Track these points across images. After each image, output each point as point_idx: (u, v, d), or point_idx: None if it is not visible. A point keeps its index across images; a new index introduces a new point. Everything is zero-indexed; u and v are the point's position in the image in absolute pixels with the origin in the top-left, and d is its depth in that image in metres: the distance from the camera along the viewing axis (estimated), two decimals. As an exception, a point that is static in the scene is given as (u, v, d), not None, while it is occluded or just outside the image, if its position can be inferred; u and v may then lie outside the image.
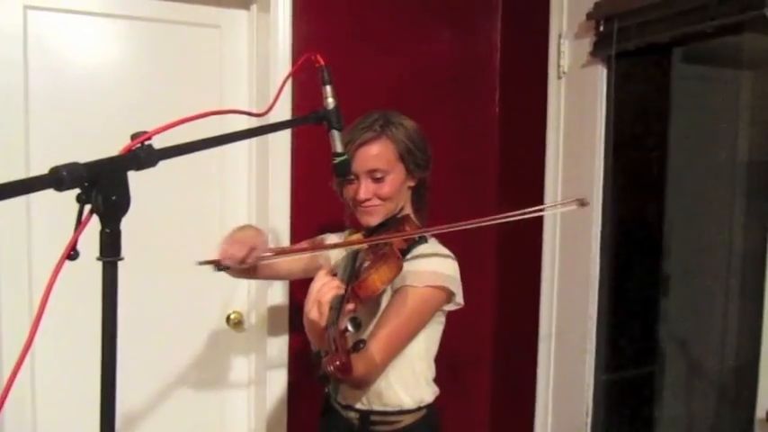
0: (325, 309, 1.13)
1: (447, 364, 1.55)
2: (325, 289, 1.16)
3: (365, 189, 1.45)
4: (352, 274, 1.30)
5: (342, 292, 1.16)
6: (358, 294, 1.23)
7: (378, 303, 1.43)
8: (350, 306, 1.14)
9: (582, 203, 1.29)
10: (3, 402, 0.73)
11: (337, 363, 1.01)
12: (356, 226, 1.59)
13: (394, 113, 1.49)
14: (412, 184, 1.52)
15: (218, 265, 1.43)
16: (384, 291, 1.33)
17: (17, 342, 1.80)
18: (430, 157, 1.52)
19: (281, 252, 1.66)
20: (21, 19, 1.83)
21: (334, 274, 1.27)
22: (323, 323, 1.12)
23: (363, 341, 1.11)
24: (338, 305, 1.12)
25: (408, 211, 1.54)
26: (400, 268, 1.31)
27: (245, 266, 1.42)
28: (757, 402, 1.50)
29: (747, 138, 1.87)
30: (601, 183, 1.95)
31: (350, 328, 1.04)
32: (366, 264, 1.32)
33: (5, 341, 1.87)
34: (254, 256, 1.41)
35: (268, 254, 1.47)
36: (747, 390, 1.52)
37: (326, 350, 1.05)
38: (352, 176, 1.46)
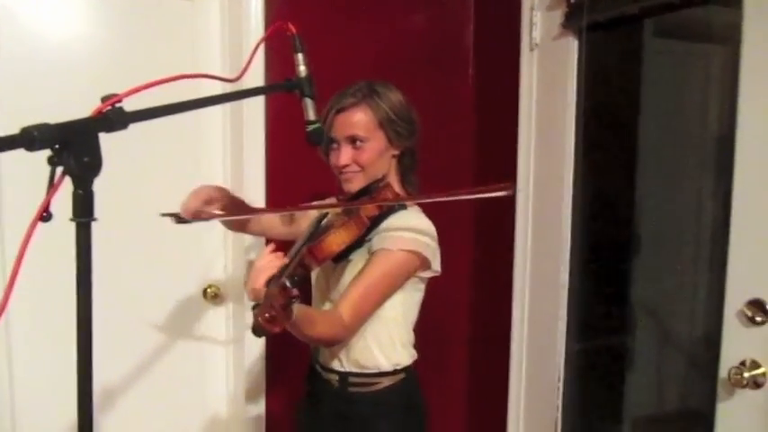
0: (260, 287, 1.13)
1: (424, 333, 1.58)
2: (265, 266, 1.16)
3: (344, 155, 1.47)
4: (312, 235, 1.33)
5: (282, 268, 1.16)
6: (313, 254, 1.26)
7: (343, 268, 1.46)
8: (298, 265, 1.14)
9: (510, 191, 1.28)
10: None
11: (266, 315, 1.02)
12: (342, 193, 1.60)
13: (380, 83, 1.50)
14: (395, 152, 1.53)
15: (178, 218, 1.43)
16: (344, 253, 1.35)
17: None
18: (415, 127, 1.53)
19: (249, 211, 1.67)
20: (-13, -10, 1.80)
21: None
22: (252, 299, 1.14)
23: (297, 297, 1.08)
24: (290, 261, 1.14)
25: (392, 179, 1.55)
26: (359, 233, 1.34)
27: (201, 219, 1.43)
28: (720, 363, 1.56)
29: (716, 111, 1.91)
30: (572, 154, 1.98)
31: (288, 284, 1.05)
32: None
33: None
34: (209, 209, 1.42)
35: (218, 211, 1.46)
36: (715, 355, 1.58)
37: (261, 302, 1.06)
38: (335, 144, 1.48)
